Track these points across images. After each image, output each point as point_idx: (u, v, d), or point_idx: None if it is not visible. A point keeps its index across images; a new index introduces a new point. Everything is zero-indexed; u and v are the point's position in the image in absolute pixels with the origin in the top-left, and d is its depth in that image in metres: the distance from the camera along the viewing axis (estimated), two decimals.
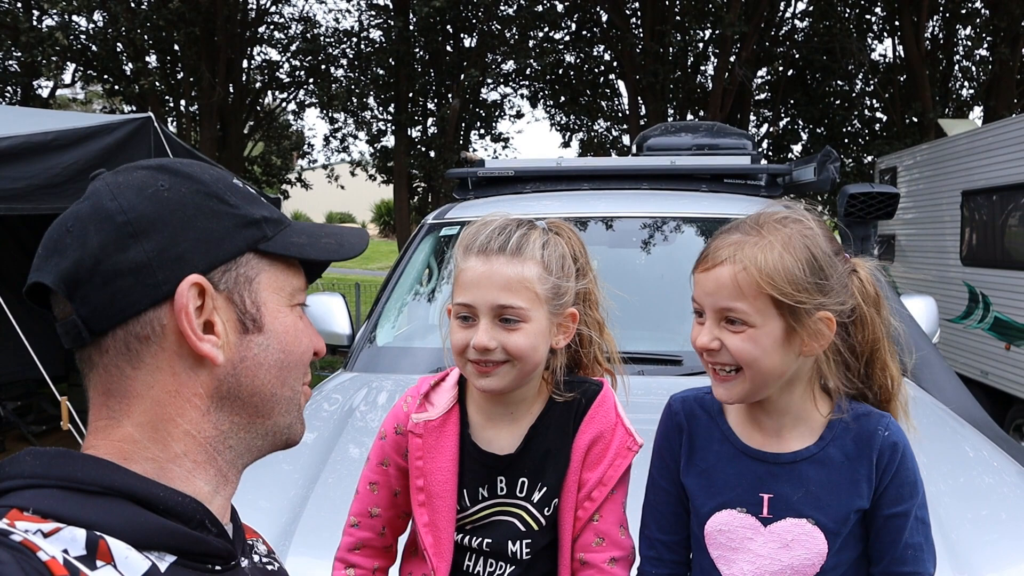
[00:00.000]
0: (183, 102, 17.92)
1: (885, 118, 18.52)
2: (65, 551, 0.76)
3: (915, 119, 15.93)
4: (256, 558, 1.03)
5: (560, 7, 17.87)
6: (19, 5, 16.02)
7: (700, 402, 1.55)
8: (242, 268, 0.93)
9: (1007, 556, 2.00)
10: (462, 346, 1.49)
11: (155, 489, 0.86)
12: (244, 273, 0.93)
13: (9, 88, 17.60)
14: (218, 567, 0.90)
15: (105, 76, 17.03)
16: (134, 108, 17.02)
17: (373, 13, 17.80)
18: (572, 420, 1.56)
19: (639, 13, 17.55)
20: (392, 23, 16.37)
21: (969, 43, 18.14)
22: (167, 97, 18.02)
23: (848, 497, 1.40)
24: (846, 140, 19.23)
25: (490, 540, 1.56)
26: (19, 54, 15.95)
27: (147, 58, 16.57)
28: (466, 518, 1.58)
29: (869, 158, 17.49)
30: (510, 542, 1.55)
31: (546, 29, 18.22)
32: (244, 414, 0.95)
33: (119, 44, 15.92)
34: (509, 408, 1.57)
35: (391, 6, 16.90)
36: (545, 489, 1.55)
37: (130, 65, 16.07)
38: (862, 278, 1.44)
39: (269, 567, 1.05)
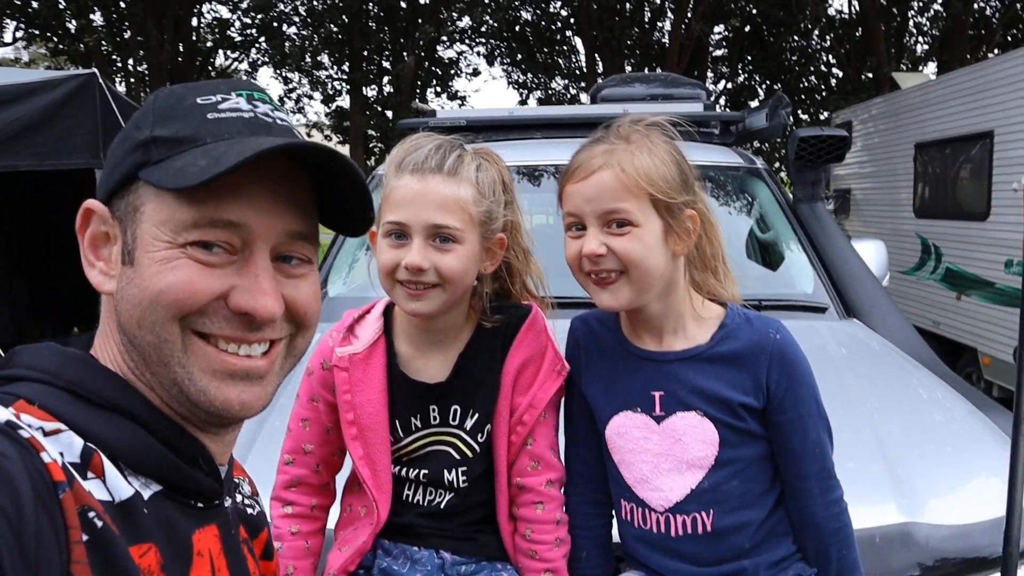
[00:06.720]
0: (131, 62, 17.48)
1: (841, 74, 18.64)
2: (61, 454, 0.76)
3: (870, 75, 16.04)
4: (239, 498, 1.03)
5: None
6: None
7: (598, 317, 1.61)
8: (131, 196, 0.87)
9: (947, 482, 2.02)
10: (392, 266, 1.45)
11: (157, 417, 0.86)
12: (132, 202, 0.86)
13: None
14: (200, 504, 0.89)
15: (48, 34, 16.52)
16: (80, 68, 16.57)
17: None
18: (501, 345, 1.55)
19: None
20: None
21: None
22: (115, 56, 17.55)
23: (733, 391, 1.47)
24: (803, 96, 19.34)
25: (427, 471, 1.55)
26: None
27: (91, 15, 16.08)
28: (401, 450, 1.56)
29: (825, 113, 17.61)
30: (446, 471, 1.54)
31: None
32: (143, 361, 0.86)
33: (62, 0, 15.44)
34: (437, 336, 1.55)
35: None
36: (477, 415, 1.54)
37: (74, 22, 15.58)
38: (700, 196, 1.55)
39: (249, 510, 1.04)
